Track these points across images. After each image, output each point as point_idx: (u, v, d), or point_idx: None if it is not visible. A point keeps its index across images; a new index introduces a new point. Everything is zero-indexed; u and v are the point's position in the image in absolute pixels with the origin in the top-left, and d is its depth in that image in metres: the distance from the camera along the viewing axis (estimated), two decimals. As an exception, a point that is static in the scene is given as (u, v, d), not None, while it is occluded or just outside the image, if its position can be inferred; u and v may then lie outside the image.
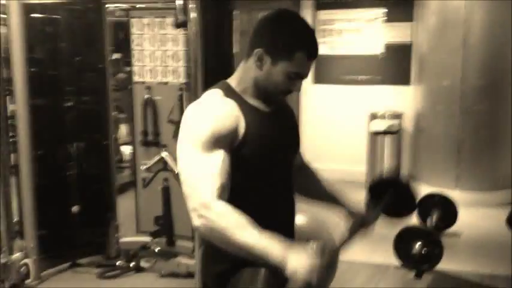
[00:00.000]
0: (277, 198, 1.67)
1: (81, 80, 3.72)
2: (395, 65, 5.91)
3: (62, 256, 3.66)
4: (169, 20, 3.50)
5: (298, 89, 1.60)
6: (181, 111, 3.56)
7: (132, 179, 4.30)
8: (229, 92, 1.58)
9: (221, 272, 1.59)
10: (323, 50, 6.18)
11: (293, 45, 1.53)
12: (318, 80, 6.26)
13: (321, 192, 1.89)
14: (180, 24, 2.41)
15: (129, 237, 3.80)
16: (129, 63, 4.00)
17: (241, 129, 1.52)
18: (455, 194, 4.45)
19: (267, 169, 1.60)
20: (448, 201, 4.34)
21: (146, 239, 3.71)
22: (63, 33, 3.62)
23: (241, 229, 1.39)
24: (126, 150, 4.98)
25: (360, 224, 1.82)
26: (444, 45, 5.16)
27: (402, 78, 5.82)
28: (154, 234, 3.72)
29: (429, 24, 5.32)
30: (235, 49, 3.30)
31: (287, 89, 1.59)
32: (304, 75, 1.58)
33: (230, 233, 1.39)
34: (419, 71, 5.60)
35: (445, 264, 3.49)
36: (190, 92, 2.96)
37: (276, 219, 1.60)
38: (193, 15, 2.48)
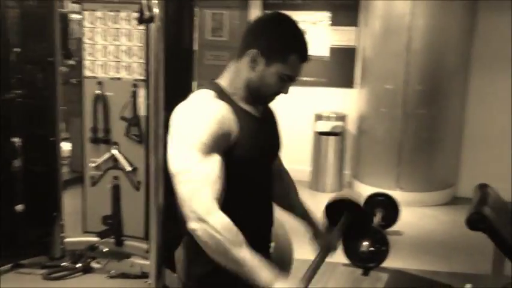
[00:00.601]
0: (261, 201, 1.69)
1: (28, 73, 3.56)
2: (340, 68, 6.04)
3: (3, 256, 3.50)
4: (124, 14, 3.43)
5: (287, 91, 1.61)
6: (135, 108, 3.49)
7: (72, 177, 4.16)
8: (222, 94, 1.57)
9: (204, 274, 1.58)
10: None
11: (288, 48, 1.55)
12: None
13: (292, 203, 1.93)
14: (146, 20, 2.35)
15: (74, 237, 3.68)
16: (69, 57, 3.89)
17: (235, 133, 1.52)
18: (395, 195, 4.62)
19: (254, 173, 1.62)
20: (391, 201, 4.50)
21: (93, 239, 3.61)
22: (12, 26, 3.47)
23: (237, 246, 1.42)
24: (65, 146, 4.81)
25: (326, 251, 1.87)
26: (388, 50, 5.33)
27: (346, 81, 5.96)
28: (102, 234, 3.62)
29: (374, 29, 5.47)
30: (195, 46, 3.27)
31: (278, 91, 1.61)
32: (295, 78, 1.60)
33: (227, 246, 1.41)
34: (363, 75, 5.75)
35: (389, 263, 3.63)
36: (148, 88, 2.90)
37: (259, 222, 1.62)
38: (155, 10, 2.44)
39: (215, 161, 1.47)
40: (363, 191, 5.16)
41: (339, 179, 5.83)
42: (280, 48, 1.54)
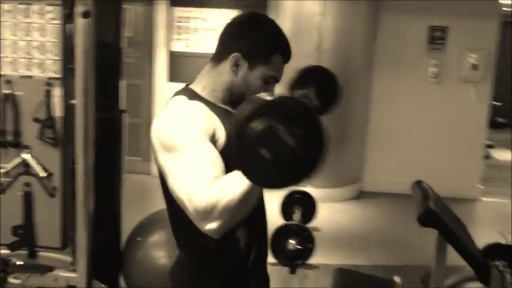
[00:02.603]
0: None
1: None
2: (249, 66, 6.05)
3: None
4: (37, 8, 3.15)
5: (273, 93, 1.55)
6: (49, 109, 3.22)
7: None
8: (194, 96, 1.50)
9: None
10: (179, 47, 6.10)
11: (271, 49, 1.50)
12: (173, 78, 6.16)
13: None
14: (83, 15, 2.18)
15: (-21, 251, 3.34)
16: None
17: (220, 131, 1.44)
18: (307, 191, 4.70)
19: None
20: (308, 198, 4.58)
21: (3, 251, 3.29)
22: None
23: (233, 192, 1.25)
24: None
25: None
26: (299, 49, 5.37)
27: (256, 79, 5.99)
28: (12, 246, 3.31)
29: (284, 29, 5.51)
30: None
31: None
32: (279, 79, 1.55)
33: (238, 201, 1.25)
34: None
35: (313, 259, 3.69)
36: (69, 88, 2.68)
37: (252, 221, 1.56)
38: (81, 5, 2.26)
39: (205, 151, 1.37)
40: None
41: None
42: (263, 50, 1.50)
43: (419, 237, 4.67)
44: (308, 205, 4.54)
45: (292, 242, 3.66)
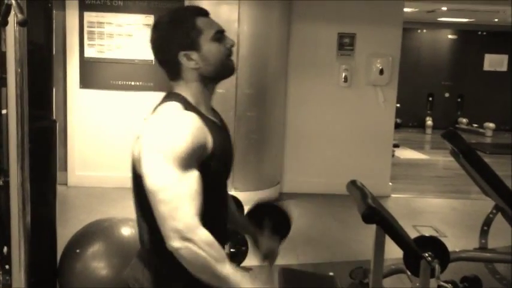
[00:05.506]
0: (223, 209, 1.69)
1: None
2: (167, 72, 6.01)
3: None
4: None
5: (232, 43, 1.60)
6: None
7: None
8: (188, 106, 1.52)
9: None
10: (91, 53, 5.94)
11: (191, 21, 1.54)
12: (85, 84, 5.99)
13: (235, 217, 1.91)
14: (20, 23, 2.09)
15: None
16: None
17: (209, 144, 1.49)
18: (235, 196, 4.78)
19: (223, 182, 1.63)
20: (236, 202, 4.64)
21: None
22: None
23: (222, 262, 1.41)
24: None
25: (273, 259, 1.92)
26: (219, 55, 5.47)
27: (174, 85, 5.96)
28: None
29: (202, 34, 5.56)
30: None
31: (228, 51, 1.59)
32: (221, 27, 1.60)
33: (212, 263, 1.39)
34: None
35: (250, 262, 3.76)
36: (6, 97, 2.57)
37: (221, 228, 1.62)
38: (18, 13, 2.17)
39: (194, 176, 1.42)
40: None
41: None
42: (188, 27, 1.54)
43: (341, 234, 4.93)
44: (238, 209, 4.61)
45: (225, 246, 3.70)
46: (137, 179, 1.50)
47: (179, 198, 1.38)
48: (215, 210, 1.58)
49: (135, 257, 1.67)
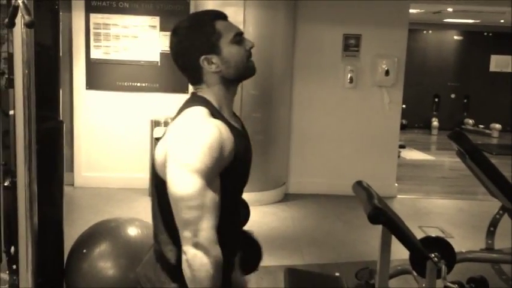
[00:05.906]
0: (238, 214, 1.72)
1: None
2: (172, 74, 6.02)
3: None
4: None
5: (251, 44, 1.62)
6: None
7: None
8: (214, 111, 1.53)
9: None
10: (97, 54, 5.96)
11: (210, 25, 1.56)
12: (92, 86, 6.01)
13: None
14: (27, 25, 2.10)
15: None
16: None
17: (233, 153, 1.50)
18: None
19: (241, 188, 1.65)
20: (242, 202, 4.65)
21: None
22: None
23: (217, 280, 1.43)
24: None
25: None
26: (224, 56, 5.49)
27: (179, 86, 5.97)
28: None
29: (208, 36, 5.58)
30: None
31: (248, 53, 1.61)
32: (240, 30, 1.61)
33: (211, 278, 1.41)
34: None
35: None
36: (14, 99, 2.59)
37: (235, 233, 1.67)
38: (26, 15, 2.18)
39: (216, 187, 1.45)
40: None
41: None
42: (208, 33, 1.55)
43: (347, 235, 4.93)
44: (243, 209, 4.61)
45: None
46: (159, 181, 1.51)
47: (202, 209, 1.41)
48: (231, 215, 1.59)
49: (148, 256, 1.68)
